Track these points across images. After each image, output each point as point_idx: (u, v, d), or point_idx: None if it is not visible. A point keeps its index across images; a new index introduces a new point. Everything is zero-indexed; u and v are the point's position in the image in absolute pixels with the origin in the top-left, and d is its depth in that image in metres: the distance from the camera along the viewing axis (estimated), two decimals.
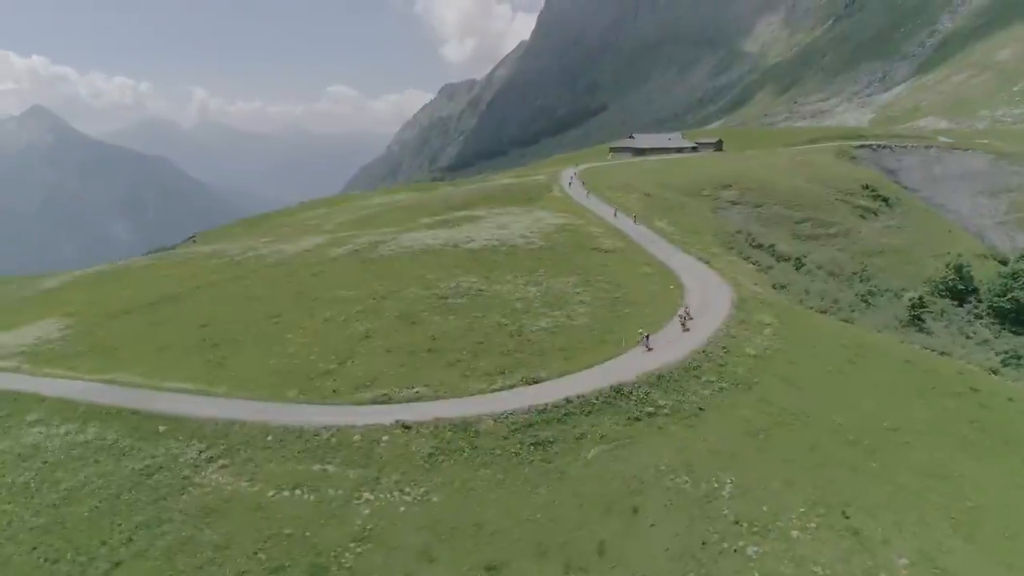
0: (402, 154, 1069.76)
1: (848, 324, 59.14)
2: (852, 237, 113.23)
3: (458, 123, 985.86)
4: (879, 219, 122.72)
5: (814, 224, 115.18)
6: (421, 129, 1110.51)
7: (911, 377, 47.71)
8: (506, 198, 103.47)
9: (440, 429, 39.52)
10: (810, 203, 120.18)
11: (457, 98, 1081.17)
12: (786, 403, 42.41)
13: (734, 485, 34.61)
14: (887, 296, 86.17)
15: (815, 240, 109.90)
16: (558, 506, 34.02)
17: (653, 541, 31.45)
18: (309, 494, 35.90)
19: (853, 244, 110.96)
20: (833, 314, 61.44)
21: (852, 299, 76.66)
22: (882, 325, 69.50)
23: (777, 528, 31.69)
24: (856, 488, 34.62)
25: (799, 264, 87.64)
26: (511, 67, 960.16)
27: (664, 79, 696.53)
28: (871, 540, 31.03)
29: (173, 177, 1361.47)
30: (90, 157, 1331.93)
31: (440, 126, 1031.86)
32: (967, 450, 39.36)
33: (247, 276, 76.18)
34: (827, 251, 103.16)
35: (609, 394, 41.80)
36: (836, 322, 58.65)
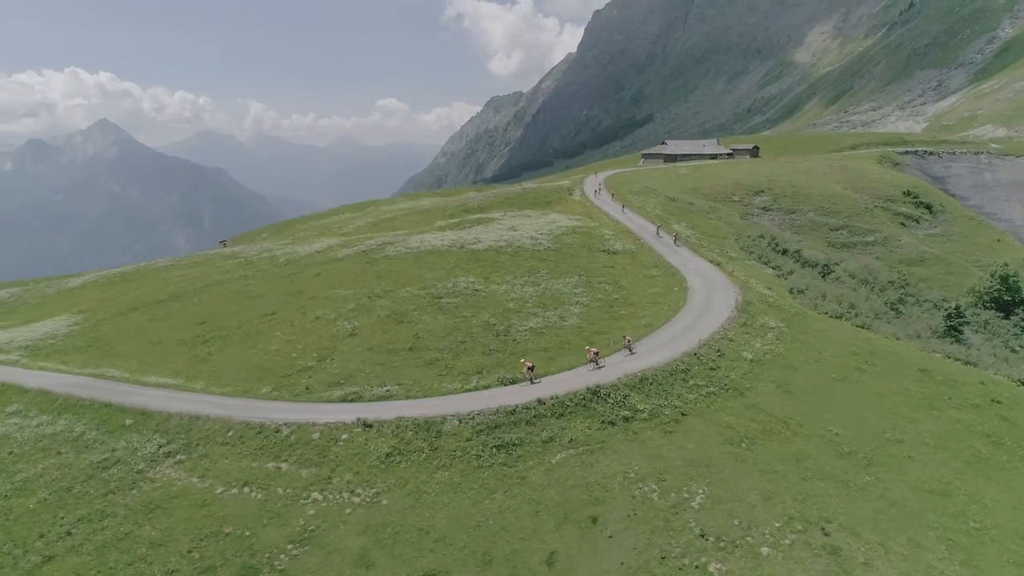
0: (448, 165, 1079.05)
1: (863, 330, 55.12)
2: (891, 245, 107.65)
3: (504, 135, 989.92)
4: (921, 227, 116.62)
5: (850, 231, 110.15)
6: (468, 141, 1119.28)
7: (925, 387, 43.82)
8: (523, 202, 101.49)
9: (402, 429, 37.60)
10: (847, 210, 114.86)
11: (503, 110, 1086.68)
12: (778, 411, 39.22)
13: (706, 496, 31.75)
14: (926, 306, 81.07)
15: (851, 248, 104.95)
16: (512, 513, 31.70)
17: (608, 554, 28.85)
18: (257, 492, 34.39)
19: (891, 252, 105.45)
20: (849, 320, 57.46)
21: (879, 307, 72.03)
22: (913, 334, 64.96)
23: (746, 544, 28.73)
24: (842, 503, 31.37)
25: (826, 271, 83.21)
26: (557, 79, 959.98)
27: (711, 90, 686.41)
28: (851, 561, 27.83)
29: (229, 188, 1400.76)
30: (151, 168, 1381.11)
31: (486, 138, 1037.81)
32: (977, 466, 35.56)
33: (253, 276, 75.91)
34: (862, 259, 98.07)
35: (585, 396, 39.27)
36: (850, 328, 54.73)
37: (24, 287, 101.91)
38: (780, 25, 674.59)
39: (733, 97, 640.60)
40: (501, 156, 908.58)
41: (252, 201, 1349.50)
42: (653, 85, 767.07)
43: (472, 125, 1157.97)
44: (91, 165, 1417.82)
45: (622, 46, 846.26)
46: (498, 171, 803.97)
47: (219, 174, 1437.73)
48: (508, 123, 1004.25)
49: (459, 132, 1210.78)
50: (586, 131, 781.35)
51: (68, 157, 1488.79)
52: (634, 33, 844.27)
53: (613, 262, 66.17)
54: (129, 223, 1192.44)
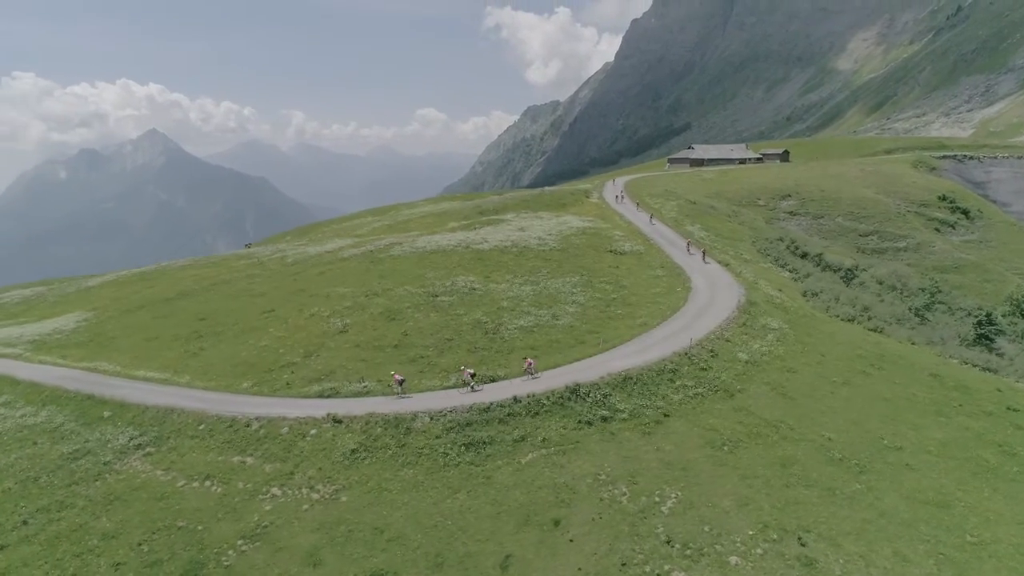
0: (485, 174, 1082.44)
1: (875, 334, 52.24)
2: (923, 251, 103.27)
3: (540, 144, 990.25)
4: (957, 233, 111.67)
5: (881, 237, 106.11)
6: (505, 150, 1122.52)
7: (934, 392, 41.04)
8: (539, 203, 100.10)
9: (371, 425, 36.43)
10: (878, 215, 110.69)
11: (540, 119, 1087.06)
12: (769, 414, 36.98)
13: (677, 500, 29.81)
14: (959, 314, 77.16)
15: (881, 254, 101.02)
16: (472, 513, 30.19)
17: (567, 558, 27.13)
18: (218, 486, 33.54)
19: (924, 259, 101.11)
20: (862, 323, 54.55)
21: (901, 312, 68.63)
22: (937, 340, 61.59)
23: (714, 552, 26.73)
24: (825, 512, 29.11)
25: (850, 275, 79.91)
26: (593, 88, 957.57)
27: (751, 98, 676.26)
28: (826, 573, 25.61)
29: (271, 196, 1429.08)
30: (197, 177, 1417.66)
31: (523, 147, 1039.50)
32: (984, 476, 32.87)
33: (260, 275, 75.94)
34: (891, 264, 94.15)
35: (564, 395, 37.58)
36: (861, 331, 51.89)
37: (48, 286, 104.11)
38: (822, 32, 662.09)
39: (773, 105, 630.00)
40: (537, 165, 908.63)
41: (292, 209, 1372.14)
42: (691, 93, 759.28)
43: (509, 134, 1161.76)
44: (140, 173, 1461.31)
45: (660, 55, 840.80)
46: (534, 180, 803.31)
47: (261, 183, 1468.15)
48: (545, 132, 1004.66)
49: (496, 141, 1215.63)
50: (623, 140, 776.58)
51: (119, 166, 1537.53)
52: (672, 42, 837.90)
53: (619, 262, 64.27)
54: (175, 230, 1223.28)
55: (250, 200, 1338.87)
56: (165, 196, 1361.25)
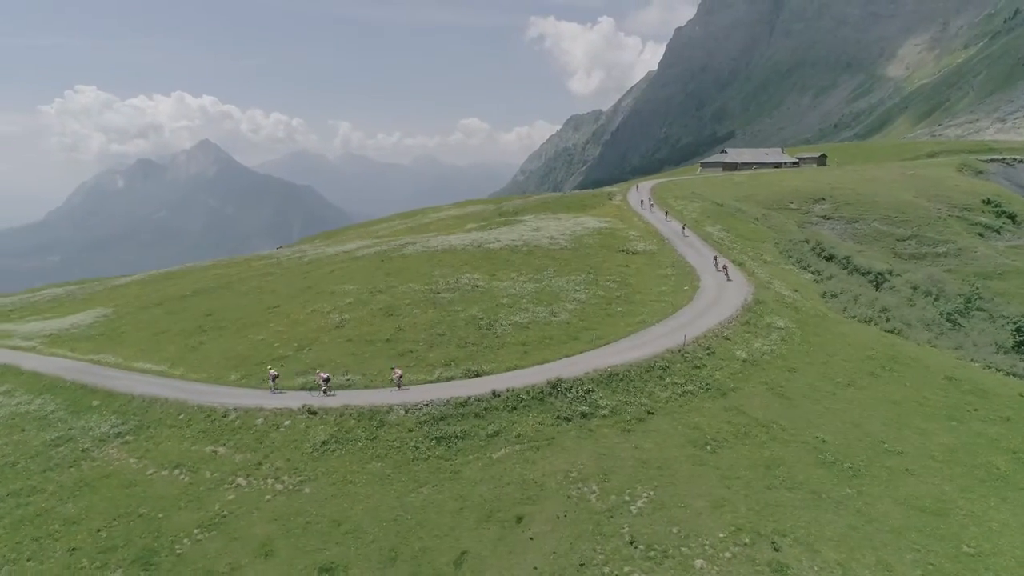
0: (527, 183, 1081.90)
1: (892, 336, 49.39)
2: (965, 257, 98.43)
3: (582, 153, 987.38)
4: (1002, 238, 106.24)
5: (919, 242, 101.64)
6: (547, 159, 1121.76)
7: (948, 396, 38.35)
8: (559, 205, 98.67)
9: (345, 417, 35.63)
10: (916, 219, 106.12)
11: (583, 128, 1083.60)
12: (762, 414, 34.95)
13: (648, 500, 28.15)
14: (1000, 321, 73.05)
15: (920, 259, 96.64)
16: (435, 508, 29.04)
17: (524, 556, 25.75)
18: (186, 475, 33.13)
19: (965, 264, 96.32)
20: (879, 324, 51.67)
21: (930, 317, 65.10)
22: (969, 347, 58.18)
23: (680, 555, 25.02)
24: (807, 516, 27.08)
25: (880, 279, 76.40)
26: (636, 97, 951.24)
27: (797, 105, 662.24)
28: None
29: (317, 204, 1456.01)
30: (246, 186, 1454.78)
31: (564, 156, 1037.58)
32: (992, 484, 30.31)
33: (275, 273, 76.36)
34: (928, 270, 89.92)
35: (545, 390, 36.18)
36: (876, 333, 49.10)
37: (81, 285, 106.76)
38: (872, 38, 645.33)
39: (820, 112, 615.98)
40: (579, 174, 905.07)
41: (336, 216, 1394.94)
42: (735, 101, 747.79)
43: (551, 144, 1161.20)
44: (193, 182, 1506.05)
45: (703, 63, 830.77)
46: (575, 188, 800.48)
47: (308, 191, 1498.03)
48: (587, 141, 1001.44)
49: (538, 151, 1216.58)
50: (665, 148, 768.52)
51: (173, 175, 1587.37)
52: (716, 49, 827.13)
53: (629, 261, 62.53)
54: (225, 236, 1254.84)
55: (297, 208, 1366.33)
56: (216, 204, 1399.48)
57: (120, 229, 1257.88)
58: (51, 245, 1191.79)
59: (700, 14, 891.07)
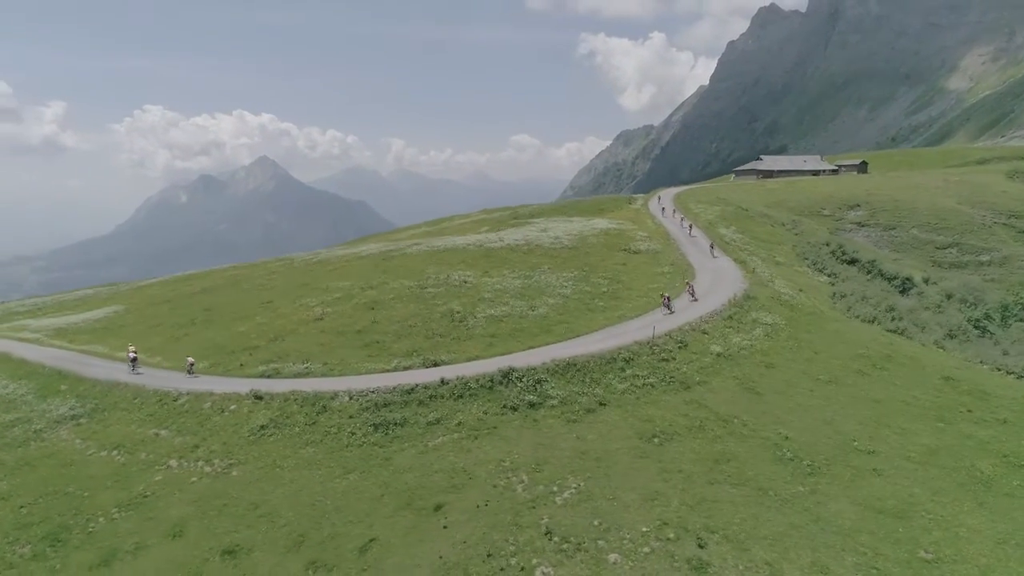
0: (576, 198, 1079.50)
1: (894, 335, 45.88)
2: (1011, 265, 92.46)
3: (631, 168, 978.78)
4: None
5: (961, 250, 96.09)
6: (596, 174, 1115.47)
7: (941, 397, 35.10)
8: (575, 209, 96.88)
9: (289, 402, 34.79)
10: (959, 226, 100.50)
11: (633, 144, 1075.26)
12: (725, 408, 32.53)
13: (577, 491, 26.19)
14: None
15: (961, 268, 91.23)
16: (356, 495, 27.70)
17: (432, 545, 24.13)
18: (122, 456, 32.73)
19: (1011, 273, 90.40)
20: (881, 324, 48.16)
21: (958, 323, 60.78)
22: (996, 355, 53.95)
23: (595, 548, 23.03)
24: (745, 513, 24.69)
25: (907, 285, 72.17)
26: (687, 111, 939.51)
27: (853, 118, 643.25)
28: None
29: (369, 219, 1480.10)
30: (302, 201, 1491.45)
31: (613, 171, 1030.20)
32: (971, 488, 27.22)
33: (282, 272, 76.61)
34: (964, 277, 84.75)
35: (496, 379, 34.65)
36: (877, 332, 45.65)
37: (111, 287, 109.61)
38: (932, 49, 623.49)
39: (877, 125, 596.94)
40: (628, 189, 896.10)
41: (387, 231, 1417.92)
42: (789, 115, 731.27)
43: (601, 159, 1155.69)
44: (251, 198, 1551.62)
45: (756, 76, 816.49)
46: None
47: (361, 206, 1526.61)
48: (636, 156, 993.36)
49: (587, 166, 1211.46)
50: (715, 163, 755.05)
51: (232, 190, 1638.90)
52: (769, 63, 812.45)
53: (628, 260, 60.43)
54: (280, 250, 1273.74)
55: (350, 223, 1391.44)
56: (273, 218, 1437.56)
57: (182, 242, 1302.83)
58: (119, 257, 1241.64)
59: (753, 27, 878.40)
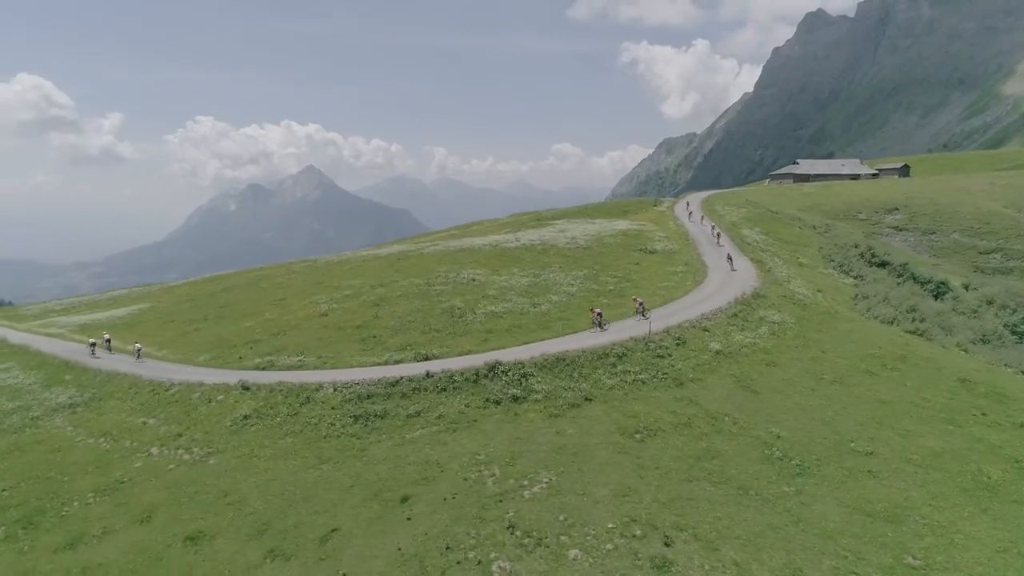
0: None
1: (912, 336, 43.46)
2: None
3: (673, 176, 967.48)
4: None
5: (1005, 255, 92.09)
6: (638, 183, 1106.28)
7: (955, 399, 33.01)
8: (599, 212, 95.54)
9: (274, 393, 34.61)
10: (1003, 231, 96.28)
11: (675, 152, 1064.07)
12: (717, 406, 31.12)
13: (547, 486, 25.21)
14: None
15: (1006, 274, 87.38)
16: (326, 485, 27.21)
17: (393, 536, 23.44)
18: (108, 443, 32.99)
19: None
20: (900, 325, 45.72)
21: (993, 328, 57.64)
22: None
23: (556, 543, 22.03)
24: (720, 512, 23.37)
25: (941, 289, 69.02)
26: (731, 119, 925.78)
27: (903, 125, 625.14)
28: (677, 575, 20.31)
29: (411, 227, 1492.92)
30: (346, 209, 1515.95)
31: (655, 179, 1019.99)
32: (974, 494, 25.35)
33: (303, 272, 77.12)
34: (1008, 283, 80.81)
35: (481, 372, 33.86)
36: (894, 332, 43.30)
37: (144, 287, 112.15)
38: (987, 53, 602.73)
39: (929, 132, 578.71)
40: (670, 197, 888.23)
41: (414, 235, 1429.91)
42: (836, 122, 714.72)
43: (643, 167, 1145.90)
44: (298, 206, 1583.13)
45: (802, 83, 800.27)
46: None
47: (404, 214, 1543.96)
48: (679, 164, 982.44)
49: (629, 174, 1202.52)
50: (759, 171, 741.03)
51: (280, 199, 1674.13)
52: (816, 69, 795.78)
53: (642, 260, 59.11)
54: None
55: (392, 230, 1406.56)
56: (318, 226, 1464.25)
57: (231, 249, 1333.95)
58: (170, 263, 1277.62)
59: (799, 33, 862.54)
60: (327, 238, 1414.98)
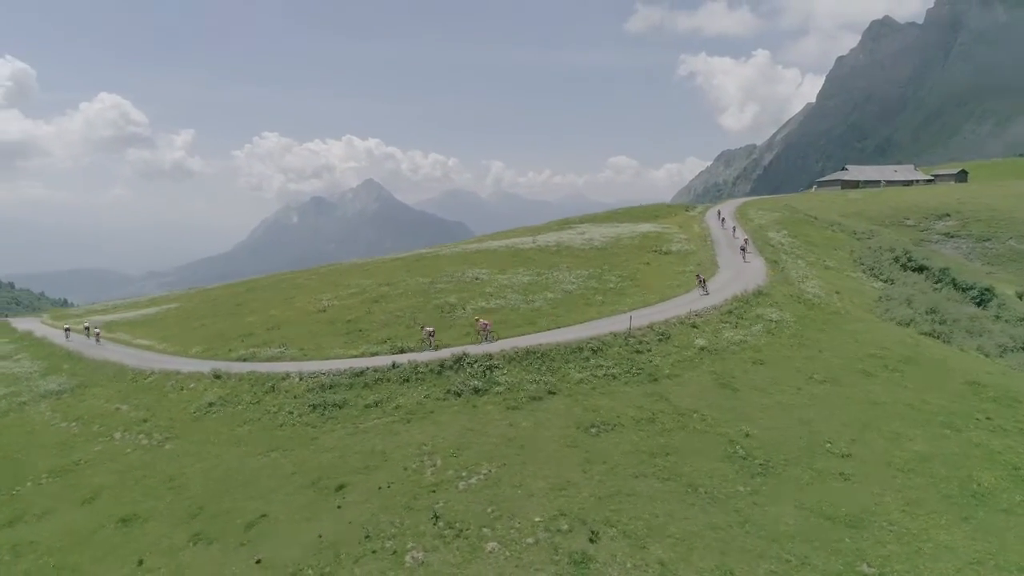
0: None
1: (925, 337, 40.25)
2: None
3: (732, 188, 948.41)
4: None
5: None
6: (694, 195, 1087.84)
7: (959, 402, 30.24)
8: (629, 216, 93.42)
9: (243, 382, 34.48)
10: None
11: (734, 164, 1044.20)
12: (689, 402, 29.26)
13: (485, 477, 24.00)
14: None
15: None
16: (268, 472, 26.67)
17: (317, 524, 22.61)
18: (78, 427, 33.48)
19: None
20: (917, 326, 42.44)
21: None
22: None
23: (477, 535, 20.80)
24: (659, 509, 21.69)
25: (986, 296, 64.60)
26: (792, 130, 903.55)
27: (975, 134, 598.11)
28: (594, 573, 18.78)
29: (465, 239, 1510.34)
30: (404, 222, 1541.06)
31: (713, 191, 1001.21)
32: (957, 501, 22.87)
33: (323, 274, 77.67)
34: None
35: (448, 363, 32.92)
36: (905, 334, 40.19)
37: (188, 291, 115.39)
38: None
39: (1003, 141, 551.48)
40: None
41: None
42: (903, 132, 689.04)
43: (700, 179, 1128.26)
44: (357, 218, 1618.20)
45: (867, 92, 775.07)
46: None
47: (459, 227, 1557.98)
48: (737, 176, 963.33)
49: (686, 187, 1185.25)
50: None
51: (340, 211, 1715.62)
52: (882, 78, 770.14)
53: (653, 260, 57.26)
54: None
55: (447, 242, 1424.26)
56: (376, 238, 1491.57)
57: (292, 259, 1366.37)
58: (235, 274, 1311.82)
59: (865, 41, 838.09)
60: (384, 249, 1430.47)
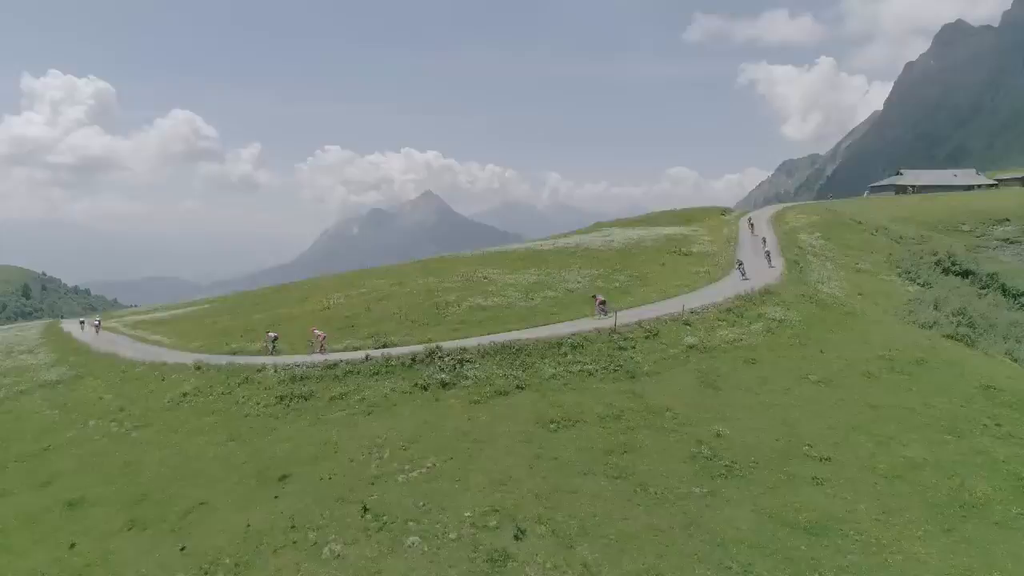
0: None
1: (945, 339, 37.04)
2: None
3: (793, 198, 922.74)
4: None
5: None
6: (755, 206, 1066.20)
7: (968, 406, 27.52)
8: (662, 219, 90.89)
9: (221, 373, 34.47)
10: None
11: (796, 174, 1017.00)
12: (665, 400, 27.47)
13: (427, 471, 22.92)
14: None
15: None
16: (220, 461, 26.26)
17: (250, 513, 21.97)
18: (60, 415, 33.77)
19: None
20: (939, 328, 39.11)
21: None
22: None
23: (401, 529, 19.73)
24: (598, 508, 20.15)
25: None
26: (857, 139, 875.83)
27: None
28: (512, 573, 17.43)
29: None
30: (460, 233, 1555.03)
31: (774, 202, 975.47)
32: (944, 510, 20.50)
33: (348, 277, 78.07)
34: None
35: (420, 357, 31.94)
36: (922, 336, 36.96)
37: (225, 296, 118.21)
38: None
39: None
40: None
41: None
42: (976, 140, 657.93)
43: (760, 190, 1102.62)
44: (416, 230, 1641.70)
45: (937, 99, 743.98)
46: None
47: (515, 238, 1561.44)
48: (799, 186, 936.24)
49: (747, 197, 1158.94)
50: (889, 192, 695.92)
51: (399, 223, 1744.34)
52: (954, 84, 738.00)
53: (669, 261, 55.28)
54: None
55: None
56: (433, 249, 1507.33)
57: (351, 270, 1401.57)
58: None
59: (936, 46, 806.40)
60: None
